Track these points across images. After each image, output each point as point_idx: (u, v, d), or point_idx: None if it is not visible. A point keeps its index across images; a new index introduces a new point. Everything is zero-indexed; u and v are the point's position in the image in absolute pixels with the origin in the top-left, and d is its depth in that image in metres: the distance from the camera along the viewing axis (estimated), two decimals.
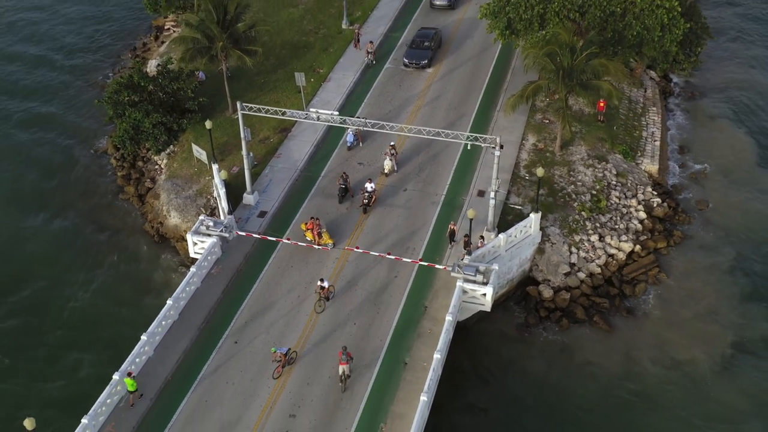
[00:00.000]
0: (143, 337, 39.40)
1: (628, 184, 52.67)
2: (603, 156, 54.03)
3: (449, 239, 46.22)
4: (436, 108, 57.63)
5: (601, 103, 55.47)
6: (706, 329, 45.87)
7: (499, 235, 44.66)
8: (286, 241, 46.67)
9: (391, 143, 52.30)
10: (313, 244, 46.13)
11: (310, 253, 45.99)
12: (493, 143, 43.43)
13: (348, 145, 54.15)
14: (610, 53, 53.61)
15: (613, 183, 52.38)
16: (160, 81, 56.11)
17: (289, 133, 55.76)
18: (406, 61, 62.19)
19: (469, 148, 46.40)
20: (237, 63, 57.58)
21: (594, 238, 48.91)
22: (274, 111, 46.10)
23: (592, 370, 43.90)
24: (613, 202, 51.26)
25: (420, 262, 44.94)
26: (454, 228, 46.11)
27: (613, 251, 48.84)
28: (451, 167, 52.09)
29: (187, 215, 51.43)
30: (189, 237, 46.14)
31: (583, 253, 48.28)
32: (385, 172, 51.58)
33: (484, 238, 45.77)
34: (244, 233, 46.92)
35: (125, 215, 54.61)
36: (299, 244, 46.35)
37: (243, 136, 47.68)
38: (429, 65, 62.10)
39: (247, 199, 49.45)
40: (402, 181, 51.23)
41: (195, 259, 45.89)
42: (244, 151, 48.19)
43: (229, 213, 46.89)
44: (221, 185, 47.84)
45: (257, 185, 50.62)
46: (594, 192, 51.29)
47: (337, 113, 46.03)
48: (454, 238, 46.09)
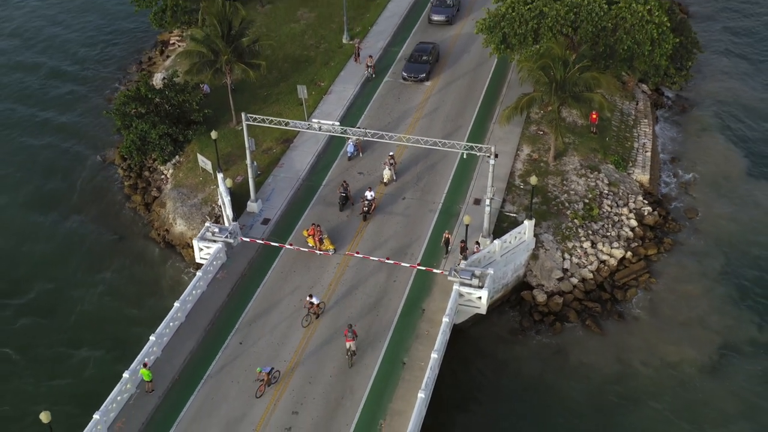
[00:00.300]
0: (152, 337, 40.97)
1: (620, 193, 54.39)
2: (595, 166, 55.79)
3: (444, 247, 47.85)
4: (434, 120, 59.43)
5: (594, 115, 57.26)
6: (695, 333, 47.44)
7: (494, 241, 46.32)
8: (288, 246, 48.34)
9: (390, 153, 54.05)
10: (314, 249, 47.78)
11: (312, 259, 47.64)
12: (488, 152, 45.17)
13: (348, 156, 55.89)
14: (601, 67, 55.51)
15: (605, 192, 54.10)
16: (166, 93, 57.86)
17: (291, 143, 57.54)
18: (405, 74, 64.03)
19: (465, 156, 48.09)
20: (241, 76, 59.43)
21: (586, 245, 50.58)
22: (278, 121, 47.87)
23: (584, 371, 45.43)
24: (605, 210, 52.97)
25: (418, 267, 46.63)
26: (448, 237, 47.74)
27: (604, 257, 50.49)
28: (449, 177, 53.79)
29: (193, 223, 53.10)
30: (195, 243, 47.80)
31: (575, 259, 49.92)
32: (385, 182, 53.28)
33: (480, 244, 47.40)
34: (248, 239, 48.59)
35: (132, 223, 56.33)
36: (301, 249, 48.03)
37: (247, 146, 49.39)
38: (427, 78, 63.95)
39: (251, 207, 51.13)
40: (401, 189, 52.93)
41: (201, 264, 47.46)
42: (248, 160, 49.89)
43: (234, 220, 48.58)
44: (226, 193, 49.53)
45: (261, 194, 52.33)
46: (586, 200, 52.99)
47: (338, 123, 47.80)
48: (448, 246, 47.72)
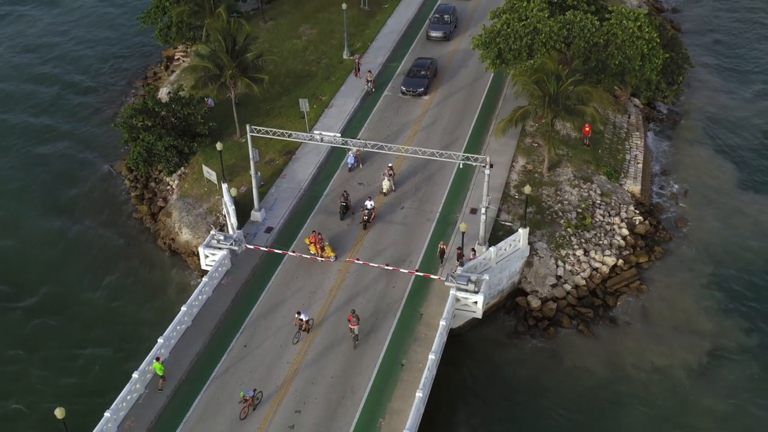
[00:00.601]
0: (159, 340, 42.55)
1: (612, 203, 56.11)
2: (588, 177, 57.53)
3: (439, 258, 49.46)
4: (432, 132, 61.22)
5: (587, 128, 59.09)
6: (684, 337, 48.98)
7: (489, 249, 47.98)
8: (291, 254, 49.98)
9: (389, 165, 55.80)
10: (316, 256, 49.41)
11: (314, 265, 49.29)
12: (484, 162, 46.91)
13: (349, 167, 57.63)
14: (594, 81, 57.31)
15: (598, 202, 55.82)
16: (172, 107, 59.64)
17: (293, 155, 59.29)
18: (404, 88, 65.90)
19: (461, 166, 49.75)
20: (244, 90, 61.26)
21: (579, 253, 52.24)
22: (281, 133, 49.64)
23: (577, 374, 46.94)
24: (597, 219, 54.66)
25: (416, 273, 48.28)
26: (444, 248, 49.39)
27: (597, 265, 52.15)
28: (446, 187, 55.52)
29: (198, 232, 54.77)
30: (201, 250, 49.43)
31: (569, 267, 51.56)
32: (384, 192, 54.99)
33: (476, 251, 49.04)
34: (252, 247, 50.24)
35: (139, 232, 58.05)
36: (304, 256, 49.68)
37: (251, 156, 51.12)
38: (425, 93, 65.82)
39: (255, 216, 52.80)
40: (399, 199, 54.65)
41: (206, 271, 49.06)
42: (252, 171, 51.60)
43: (238, 228, 50.25)
44: (231, 202, 51.24)
45: (264, 203, 54.02)
46: (579, 210, 54.69)
47: (339, 135, 49.58)
48: (444, 256, 49.32)
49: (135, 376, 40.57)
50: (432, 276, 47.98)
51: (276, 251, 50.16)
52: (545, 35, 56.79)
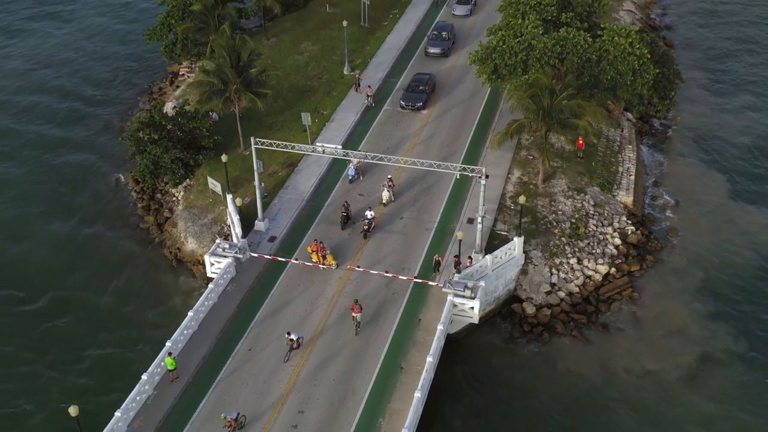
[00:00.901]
0: (167, 343, 44.08)
1: (605, 214, 57.80)
2: (582, 188, 59.26)
3: (434, 269, 51.02)
4: (430, 146, 62.99)
5: (581, 141, 60.90)
6: (675, 343, 50.47)
7: (486, 257, 49.62)
8: (294, 261, 51.61)
9: (389, 176, 57.53)
10: (318, 264, 51.04)
11: (316, 273, 50.92)
12: (480, 173, 48.66)
13: (349, 179, 59.35)
14: (587, 95, 59.07)
15: (591, 212, 57.52)
16: (178, 120, 61.39)
17: (295, 167, 61.04)
18: (403, 103, 67.69)
19: (458, 176, 51.46)
20: (248, 105, 63.03)
21: (573, 261, 53.88)
22: (284, 145, 51.38)
23: (571, 378, 48.37)
24: (590, 229, 56.33)
25: (415, 280, 49.91)
26: (439, 260, 51.00)
27: (590, 273, 53.78)
28: (444, 198, 57.22)
29: (203, 241, 56.42)
30: (207, 258, 51.07)
31: (563, 275, 53.18)
32: (384, 202, 56.67)
33: (473, 259, 50.67)
34: (256, 255, 51.87)
35: (145, 242, 59.71)
36: (306, 264, 51.31)
37: (255, 168, 52.85)
38: (424, 107, 67.59)
39: (259, 225, 54.46)
40: (399, 210, 56.33)
41: (211, 278, 50.63)
42: (256, 182, 53.32)
43: (242, 237, 51.92)
44: (235, 212, 52.92)
45: (267, 213, 55.70)
46: (573, 220, 56.38)
47: (340, 147, 51.32)
48: (439, 267, 50.92)
49: (144, 378, 42.06)
50: (430, 283, 49.62)
51: (279, 259, 51.80)
52: (540, 51, 58.53)
